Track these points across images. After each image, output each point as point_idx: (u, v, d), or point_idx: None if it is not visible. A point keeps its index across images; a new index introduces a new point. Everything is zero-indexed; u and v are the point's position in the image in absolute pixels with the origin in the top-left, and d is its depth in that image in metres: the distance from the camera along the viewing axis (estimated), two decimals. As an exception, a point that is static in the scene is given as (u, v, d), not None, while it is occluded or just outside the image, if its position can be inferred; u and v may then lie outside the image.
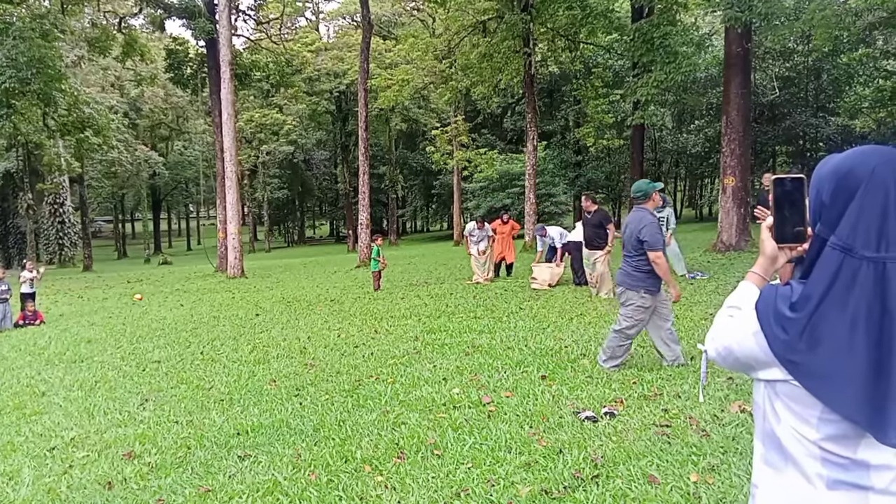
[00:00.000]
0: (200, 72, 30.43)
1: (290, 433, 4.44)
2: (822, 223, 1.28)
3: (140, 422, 5.06)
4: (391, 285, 14.54)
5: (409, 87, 32.72)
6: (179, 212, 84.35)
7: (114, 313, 13.25)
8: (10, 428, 5.21)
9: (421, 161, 52.52)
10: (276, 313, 11.11)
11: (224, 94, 20.56)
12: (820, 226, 1.28)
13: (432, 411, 4.67)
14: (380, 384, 5.55)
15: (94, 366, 7.60)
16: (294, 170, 60.24)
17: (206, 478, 3.75)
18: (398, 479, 3.49)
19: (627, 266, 5.40)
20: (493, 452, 3.76)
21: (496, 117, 43.58)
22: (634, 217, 5.39)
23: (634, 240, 5.24)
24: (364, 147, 22.63)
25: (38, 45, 25.09)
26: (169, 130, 63.60)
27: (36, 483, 3.90)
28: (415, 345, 7.21)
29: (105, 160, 48.40)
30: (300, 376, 6.14)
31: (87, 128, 31.51)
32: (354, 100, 42.84)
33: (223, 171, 22.54)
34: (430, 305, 10.48)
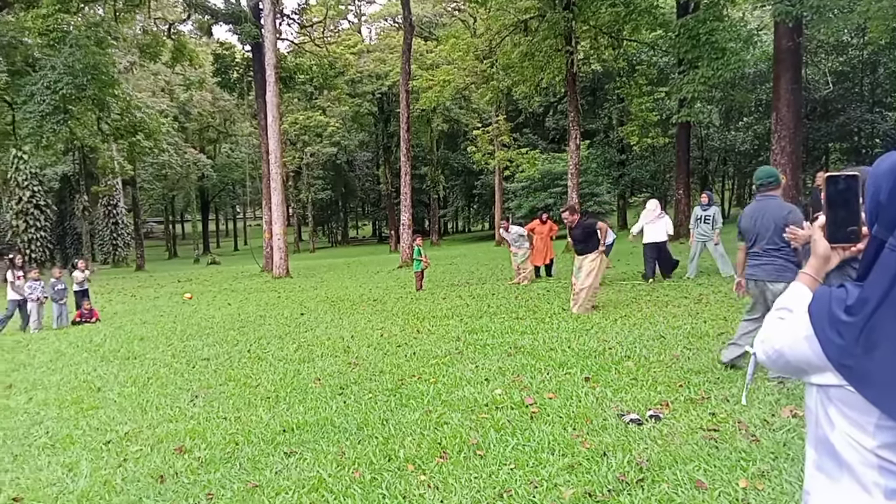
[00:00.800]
0: (246, 75, 31.10)
1: (334, 431, 4.50)
2: (879, 224, 1.23)
3: (190, 417, 5.20)
4: (433, 285, 14.60)
5: (450, 88, 32.74)
6: (227, 213, 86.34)
7: (165, 312, 13.65)
8: (69, 421, 5.41)
9: (462, 161, 52.56)
10: (320, 312, 11.27)
11: (269, 97, 20.95)
12: (877, 227, 1.24)
13: (475, 412, 4.68)
14: (422, 384, 5.59)
15: (147, 363, 7.84)
16: (337, 171, 61.00)
17: (253, 473, 3.83)
18: (441, 479, 3.51)
19: (778, 260, 4.86)
20: (536, 454, 3.74)
21: (538, 116, 43.29)
22: (771, 205, 4.88)
23: (781, 229, 4.71)
24: (406, 148, 22.77)
25: (92, 52, 26.01)
26: (216, 133, 65.17)
27: (93, 475, 4.05)
28: (457, 345, 7.23)
29: (156, 163, 49.91)
30: (344, 375, 6.22)
31: (139, 131, 32.52)
32: (396, 101, 43.13)
33: (268, 172, 22.97)
34: (472, 306, 10.48)
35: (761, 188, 5.08)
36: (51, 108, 25.64)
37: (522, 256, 13.55)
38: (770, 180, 5.03)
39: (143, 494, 3.66)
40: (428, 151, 53.56)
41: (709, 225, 11.31)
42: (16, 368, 8.17)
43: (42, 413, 5.79)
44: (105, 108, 29.07)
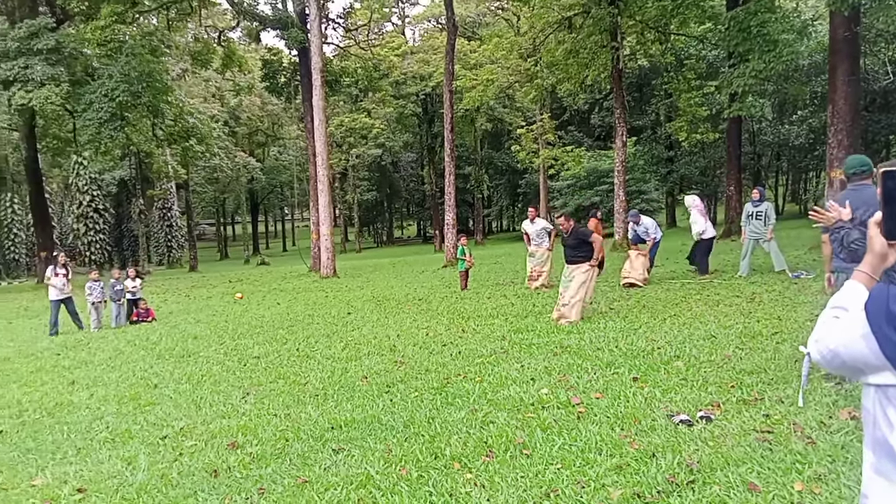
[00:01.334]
0: (293, 80, 31.68)
1: (381, 429, 4.56)
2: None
3: (242, 414, 5.34)
4: (478, 285, 14.59)
5: (493, 87, 32.69)
6: (275, 214, 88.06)
7: (217, 311, 14.02)
8: (128, 417, 5.62)
9: (506, 160, 52.36)
10: (366, 312, 11.40)
11: (315, 100, 21.29)
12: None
13: (520, 411, 4.66)
14: (468, 383, 5.60)
15: (200, 360, 8.08)
16: (382, 172, 61.57)
17: (303, 469, 3.91)
18: (487, 478, 3.52)
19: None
20: (583, 454, 3.71)
21: (583, 114, 42.80)
22: (867, 193, 4.64)
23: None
24: (450, 148, 22.83)
25: (147, 60, 26.90)
26: (265, 137, 66.58)
27: (151, 468, 4.20)
28: (502, 344, 7.22)
29: (208, 167, 51.30)
30: (390, 373, 6.28)
31: (192, 136, 33.47)
32: (440, 102, 43.23)
33: (315, 174, 23.35)
34: (517, 305, 10.44)
35: (854, 177, 4.91)
36: (108, 116, 26.62)
37: (541, 258, 12.32)
38: (863, 168, 4.87)
39: (197, 488, 3.77)
40: (472, 151, 53.57)
41: (760, 221, 11.01)
42: (78, 366, 8.52)
43: (102, 409, 6.02)
44: (159, 114, 30.02)
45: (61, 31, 26.46)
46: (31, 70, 24.48)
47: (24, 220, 49.35)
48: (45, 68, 24.66)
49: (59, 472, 4.29)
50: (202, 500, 3.56)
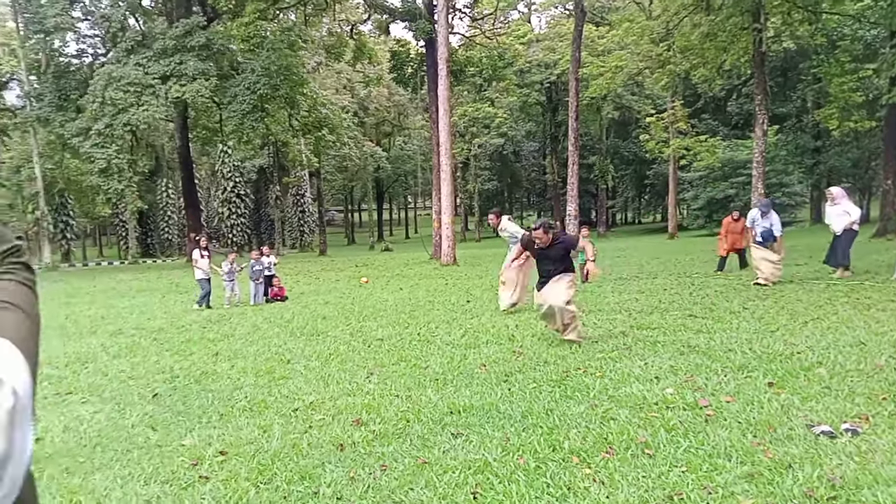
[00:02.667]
0: (420, 70, 32.37)
1: (499, 417, 4.59)
2: None
3: (366, 393, 5.57)
4: (600, 278, 14.26)
5: (622, 74, 31.60)
6: (399, 202, 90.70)
7: (344, 294, 14.69)
8: (263, 388, 6.04)
9: (633, 150, 50.63)
10: (485, 301, 11.49)
11: (440, 90, 21.63)
12: None
13: (643, 409, 4.52)
14: (588, 377, 5.50)
15: (329, 340, 8.51)
16: (504, 161, 61.57)
17: (423, 450, 4.02)
18: (607, 474, 3.44)
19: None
20: (711, 459, 3.54)
21: (719, 101, 40.41)
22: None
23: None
24: (574, 137, 22.40)
25: (285, 54, 28.53)
26: (391, 127, 68.60)
27: (284, 438, 4.49)
28: (624, 340, 7.01)
29: (338, 155, 53.69)
30: (508, 363, 6.30)
31: (324, 127, 35.16)
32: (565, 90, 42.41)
33: (438, 163, 23.77)
34: (641, 301, 10.10)
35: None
36: (250, 107, 28.56)
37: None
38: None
39: (325, 459, 3.99)
40: (597, 140, 52.25)
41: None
42: (221, 339, 9.25)
43: (242, 379, 6.50)
44: (295, 105, 31.81)
45: (211, 29, 28.68)
46: (184, 65, 26.74)
47: (177, 203, 54.26)
48: (197, 63, 26.84)
49: (205, 434, 4.69)
50: (329, 472, 3.76)
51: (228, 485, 3.68)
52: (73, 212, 48.31)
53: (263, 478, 3.76)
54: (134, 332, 10.44)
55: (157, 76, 26.86)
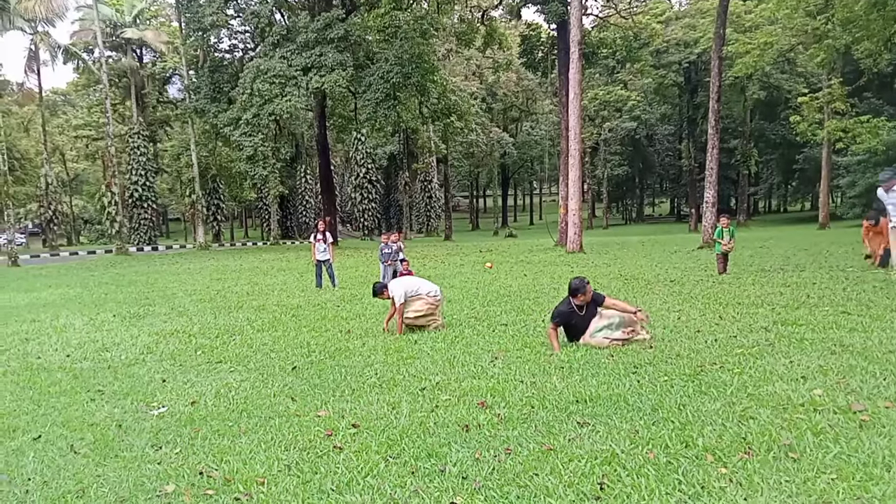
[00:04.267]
0: (550, 54, 31.84)
1: (627, 408, 4.45)
2: None
3: (490, 376, 5.61)
4: (739, 269, 13.40)
5: (772, 51, 29.33)
6: (524, 188, 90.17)
7: (468, 278, 14.87)
8: (392, 367, 6.26)
9: (781, 133, 46.91)
10: (613, 290, 11.15)
11: (572, 73, 21.15)
12: None
13: (787, 410, 4.20)
14: (724, 373, 5.19)
15: (453, 323, 8.65)
16: (635, 146, 59.33)
17: (547, 437, 3.99)
18: (745, 476, 3.24)
19: None
20: (866, 468, 3.22)
21: (885, 77, 36.38)
22: None
23: None
24: (714, 119, 21.09)
25: (418, 43, 29.12)
26: (519, 112, 68.21)
27: (411, 415, 4.63)
28: (766, 336, 6.54)
29: (465, 142, 54.25)
30: (637, 354, 6.08)
31: (453, 113, 35.58)
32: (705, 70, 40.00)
33: (567, 149, 23.31)
34: (786, 294, 9.36)
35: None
36: (383, 96, 29.48)
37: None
38: None
39: (451, 439, 4.07)
40: (740, 123, 48.95)
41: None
42: (353, 317, 9.70)
43: (372, 357, 6.78)
44: (426, 93, 32.42)
45: (349, 21, 29.84)
46: (324, 57, 28.07)
47: (314, 188, 57.29)
48: (336, 55, 28.07)
49: (338, 407, 4.95)
50: (455, 451, 3.83)
51: (360, 456, 3.86)
52: (223, 196, 52.52)
53: (392, 452, 3.91)
54: (275, 308, 11.20)
55: (300, 68, 28.41)
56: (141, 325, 9.86)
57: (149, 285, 16.55)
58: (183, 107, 37.99)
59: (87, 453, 4.24)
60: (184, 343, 8.18)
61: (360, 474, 3.59)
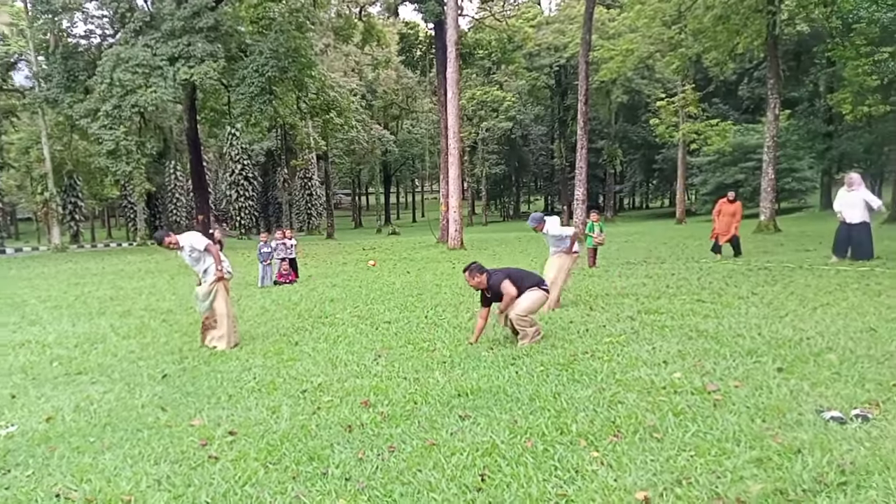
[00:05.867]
0: (428, 53, 32.15)
1: (506, 399, 4.59)
2: None
3: (374, 375, 5.59)
4: (607, 262, 14.23)
5: (633, 58, 31.30)
6: (406, 186, 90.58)
7: (352, 277, 14.72)
8: (272, 370, 6.07)
9: (642, 134, 50.28)
10: (493, 284, 11.47)
11: (449, 73, 21.48)
12: None
13: (651, 393, 4.51)
14: (595, 361, 5.49)
15: (336, 322, 8.53)
16: (511, 146, 61.26)
17: (430, 432, 4.04)
18: (615, 458, 3.44)
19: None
20: (720, 443, 3.53)
21: (730, 85, 40.03)
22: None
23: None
24: (583, 121, 22.23)
25: (294, 36, 28.34)
26: (399, 110, 68.29)
27: (292, 419, 4.51)
28: (632, 324, 7.00)
29: (346, 139, 53.52)
30: (516, 346, 6.30)
31: (332, 109, 34.97)
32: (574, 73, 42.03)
33: (447, 147, 23.66)
34: (649, 285, 10.06)
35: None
36: (258, 90, 28.43)
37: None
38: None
39: (334, 440, 4.01)
40: (606, 124, 51.87)
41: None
42: (229, 320, 9.29)
43: (250, 361, 6.54)
44: (303, 88, 31.64)
45: (219, 10, 28.48)
46: (193, 47, 26.61)
47: (185, 185, 54.32)
48: (205, 45, 26.70)
49: (214, 415, 4.72)
50: (338, 452, 3.78)
51: (238, 465, 3.71)
52: (81, 193, 48.49)
53: (272, 458, 3.79)
54: (143, 313, 10.52)
55: (166, 58, 26.76)
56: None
57: (-6, 293, 14.96)
58: (32, 96, 34.52)
59: (-82, 484, 3.76)
60: (37, 354, 7.47)
61: (237, 483, 3.45)
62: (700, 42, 23.12)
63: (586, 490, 3.12)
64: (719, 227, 13.87)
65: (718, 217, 13.98)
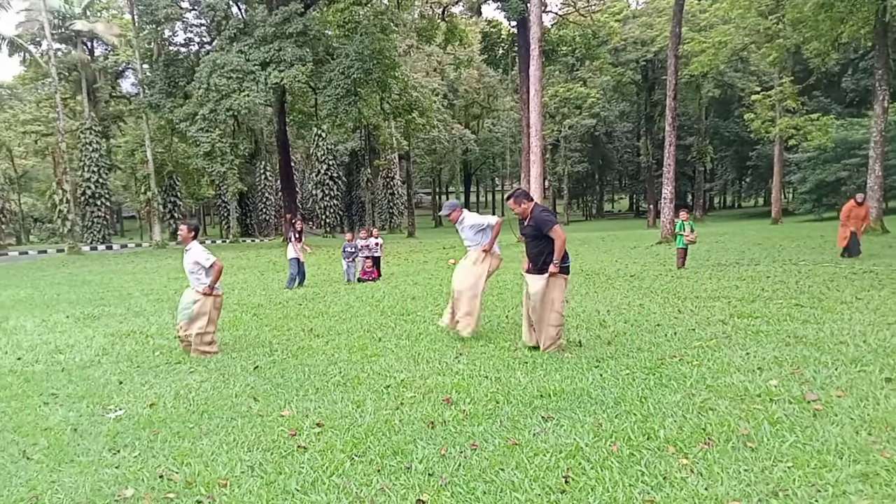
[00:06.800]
0: (511, 51, 32.01)
1: (590, 402, 4.51)
2: None
3: (455, 373, 5.62)
4: (696, 264, 13.71)
5: (726, 50, 30.00)
6: (487, 185, 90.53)
7: (432, 275, 14.87)
8: (356, 365, 6.22)
9: (735, 130, 48.15)
10: (574, 285, 11.30)
11: (532, 70, 21.31)
12: None
13: (744, 401, 4.32)
14: (684, 365, 5.31)
15: (418, 319, 8.65)
16: (595, 143, 60.11)
17: (513, 432, 4.02)
18: (705, 466, 3.32)
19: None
20: (820, 455, 3.33)
21: (832, 76, 37.65)
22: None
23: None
24: (671, 117, 21.51)
25: (378, 38, 28.90)
26: (480, 109, 68.36)
27: (376, 413, 4.61)
28: (724, 328, 6.71)
29: (427, 138, 54.14)
30: (601, 349, 6.18)
31: (415, 110, 35.43)
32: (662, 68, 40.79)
33: (528, 145, 23.49)
34: (742, 288, 9.62)
35: None
36: (344, 92, 29.19)
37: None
38: None
39: (416, 436, 4.06)
40: (695, 120, 50.02)
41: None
42: (316, 316, 9.60)
43: (336, 355, 6.72)
44: (387, 89, 32.22)
45: (308, 16, 29.45)
46: (283, 52, 27.65)
47: (274, 185, 56.50)
48: (295, 50, 27.67)
49: (302, 406, 4.89)
50: (421, 448, 3.83)
51: (325, 455, 3.83)
52: (180, 193, 51.34)
53: (358, 450, 3.88)
54: (235, 307, 11.01)
55: (258, 62, 27.93)
56: (96, 325, 9.58)
57: (103, 285, 16.09)
58: (137, 101, 36.94)
59: (40, 459, 4.10)
60: (141, 344, 7.98)
61: (325, 474, 3.56)
62: (800, 32, 21.87)
63: (675, 497, 3.02)
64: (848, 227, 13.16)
65: (848, 222, 13.13)
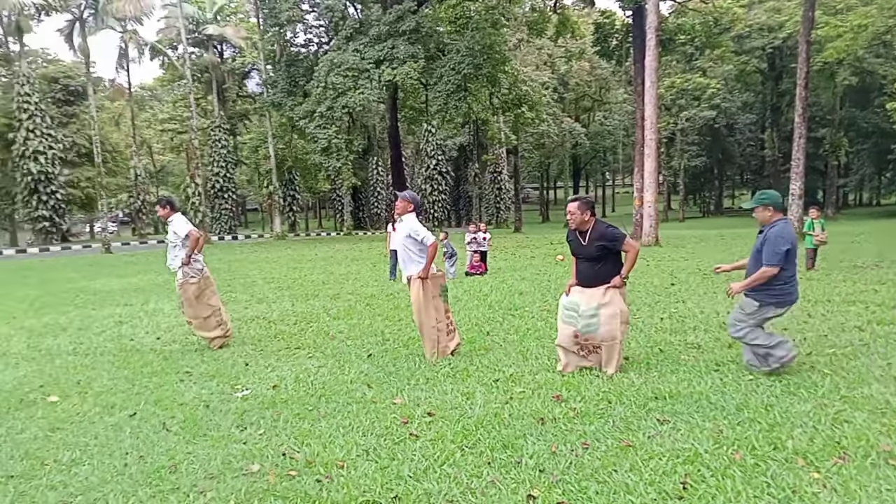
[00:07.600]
0: (625, 42, 31.01)
1: (709, 407, 4.31)
2: None
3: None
4: (828, 265, 12.72)
5: (866, 34, 27.53)
6: (597, 180, 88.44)
7: (540, 270, 14.73)
8: (465, 357, 6.28)
9: (874, 121, 44.16)
10: (691, 284, 10.82)
11: (648, 61, 20.57)
12: None
13: (885, 415, 3.96)
14: (815, 373, 4.95)
15: (525, 315, 8.60)
16: (714, 136, 57.13)
17: (626, 433, 3.91)
18: (840, 482, 3.08)
19: None
20: (978, 481, 3.00)
21: None
22: None
23: None
24: (802, 107, 20.05)
25: (489, 33, 28.98)
26: (591, 102, 66.87)
27: (486, 406, 4.63)
28: (860, 335, 6.19)
29: (536, 132, 53.62)
30: (720, 352, 5.88)
31: (524, 104, 35.23)
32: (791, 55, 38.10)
33: (642, 139, 22.69)
34: (882, 292, 8.83)
35: None
36: (454, 87, 29.51)
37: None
38: None
39: (526, 431, 4.05)
40: (828, 111, 46.39)
41: None
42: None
43: (445, 347, 6.81)
44: (496, 83, 32.25)
45: (420, 13, 29.98)
46: (396, 49, 28.34)
47: (385, 180, 58.07)
48: (407, 47, 28.29)
49: (413, 395, 5.01)
50: (531, 443, 3.81)
51: (436, 445, 3.90)
52: (298, 187, 53.95)
53: (468, 442, 3.92)
54: (349, 296, 11.44)
55: (372, 61, 28.79)
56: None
57: (230, 273, 17.22)
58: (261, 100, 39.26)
59: (178, 431, 4.46)
60: (263, 329, 8.47)
61: (436, 462, 3.63)
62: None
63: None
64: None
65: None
